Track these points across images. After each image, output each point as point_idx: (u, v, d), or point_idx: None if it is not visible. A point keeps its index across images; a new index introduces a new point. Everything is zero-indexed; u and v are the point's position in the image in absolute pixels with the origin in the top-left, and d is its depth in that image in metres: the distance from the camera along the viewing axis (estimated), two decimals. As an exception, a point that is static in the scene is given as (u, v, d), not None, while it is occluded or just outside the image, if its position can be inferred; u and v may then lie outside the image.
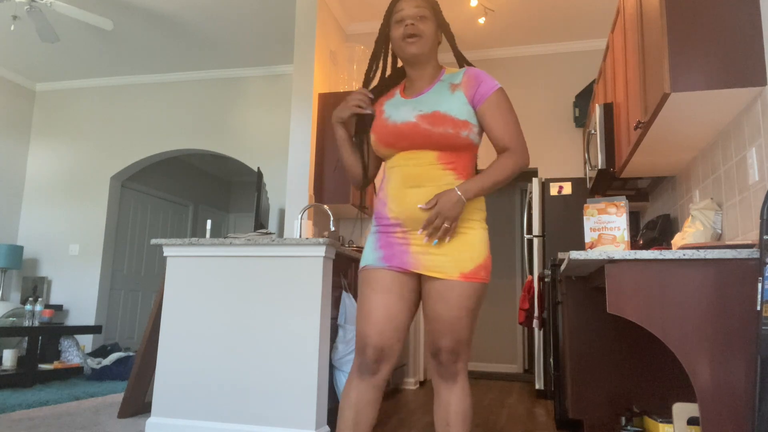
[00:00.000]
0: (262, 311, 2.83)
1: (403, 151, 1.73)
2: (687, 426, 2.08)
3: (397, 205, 1.71)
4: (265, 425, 2.72)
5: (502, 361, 6.49)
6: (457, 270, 1.66)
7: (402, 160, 1.74)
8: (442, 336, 1.68)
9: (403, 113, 1.73)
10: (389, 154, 1.77)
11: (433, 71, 1.79)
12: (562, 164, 5.24)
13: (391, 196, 1.74)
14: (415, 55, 1.73)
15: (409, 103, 1.75)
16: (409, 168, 1.71)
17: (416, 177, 1.70)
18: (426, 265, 1.68)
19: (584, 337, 2.83)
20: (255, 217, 3.87)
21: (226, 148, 6.11)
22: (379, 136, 1.76)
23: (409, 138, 1.71)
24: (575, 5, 4.78)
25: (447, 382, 1.71)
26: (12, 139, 6.41)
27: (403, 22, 1.72)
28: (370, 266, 1.74)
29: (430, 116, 1.69)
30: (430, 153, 1.70)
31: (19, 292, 6.31)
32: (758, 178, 2.10)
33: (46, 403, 3.67)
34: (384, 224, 1.76)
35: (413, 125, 1.70)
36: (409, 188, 1.70)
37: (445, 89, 1.74)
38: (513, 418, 3.57)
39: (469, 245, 1.68)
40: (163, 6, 4.91)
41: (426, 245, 1.68)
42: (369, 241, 1.80)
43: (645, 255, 1.84)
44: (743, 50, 2.08)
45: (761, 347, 1.61)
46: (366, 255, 1.78)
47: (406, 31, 1.71)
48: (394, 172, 1.75)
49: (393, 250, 1.72)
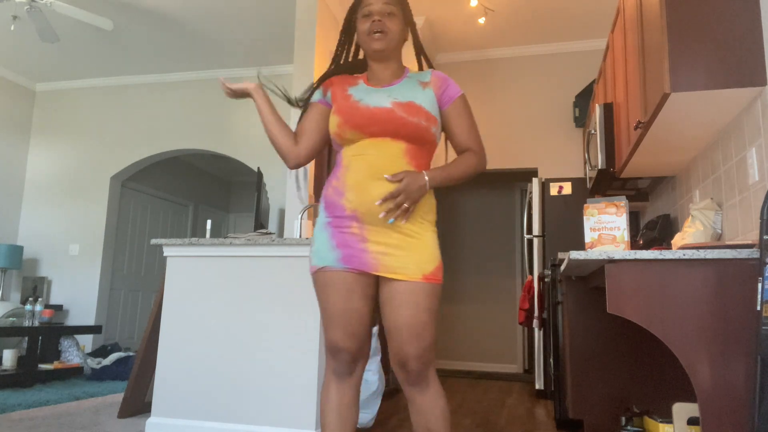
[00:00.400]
0: (262, 311, 2.83)
1: (371, 137, 1.67)
2: (687, 426, 2.08)
3: (357, 196, 1.64)
4: (265, 425, 2.72)
5: (502, 361, 6.49)
6: (420, 271, 1.62)
7: (367, 148, 1.67)
8: (409, 344, 1.60)
9: (376, 99, 1.70)
10: (353, 139, 1.68)
11: (398, 68, 1.79)
12: (562, 164, 5.24)
13: (351, 185, 1.66)
14: (380, 51, 1.71)
15: (381, 91, 1.73)
16: (374, 158, 1.65)
17: (381, 169, 1.64)
18: (387, 265, 1.62)
19: (584, 337, 2.83)
20: (255, 217, 3.87)
21: (226, 148, 6.11)
22: (347, 118, 1.68)
23: (381, 123, 1.66)
24: (575, 5, 4.78)
25: (420, 388, 1.65)
26: (12, 139, 6.41)
27: (371, 17, 1.70)
28: (329, 268, 1.66)
29: (405, 105, 1.68)
30: (398, 144, 1.66)
31: (19, 292, 6.31)
32: (758, 178, 2.10)
33: (46, 403, 3.67)
34: (338, 215, 1.67)
35: (388, 111, 1.66)
36: (372, 180, 1.63)
37: (415, 84, 1.75)
38: (513, 418, 3.57)
39: (427, 246, 1.66)
40: (163, 6, 4.91)
41: (383, 242, 1.63)
42: (321, 237, 1.70)
43: (645, 255, 1.84)
44: (743, 50, 2.08)
45: (761, 347, 1.61)
46: (321, 253, 1.68)
47: (372, 27, 1.69)
48: (357, 160, 1.67)
49: (351, 249, 1.64)
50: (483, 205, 6.91)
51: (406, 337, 1.60)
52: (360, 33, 1.73)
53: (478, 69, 5.64)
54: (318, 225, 1.72)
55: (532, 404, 4.16)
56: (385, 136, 1.66)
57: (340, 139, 1.71)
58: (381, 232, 1.64)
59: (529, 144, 5.35)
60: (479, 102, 5.57)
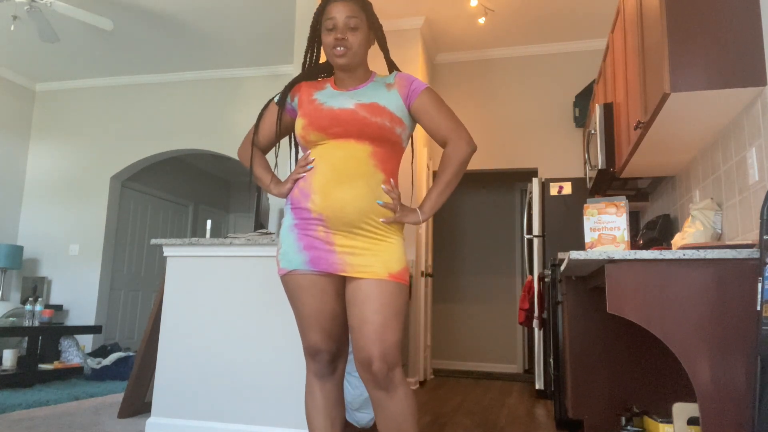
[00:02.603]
0: (262, 311, 2.83)
1: (335, 138, 1.67)
2: (687, 426, 2.08)
3: (322, 200, 1.64)
4: (265, 425, 2.72)
5: (502, 361, 6.49)
6: (386, 270, 1.62)
7: (332, 149, 1.66)
8: (372, 343, 1.57)
9: (340, 101, 1.71)
10: (317, 141, 1.69)
11: (363, 73, 1.79)
12: (562, 164, 5.24)
13: (317, 188, 1.65)
14: (343, 66, 1.72)
15: (345, 94, 1.74)
16: (340, 161, 1.65)
17: (347, 172, 1.64)
18: (353, 264, 1.62)
19: (584, 337, 2.83)
20: (255, 217, 3.87)
21: (226, 148, 6.11)
22: (311, 120, 1.69)
23: (344, 124, 1.66)
24: (575, 5, 4.78)
25: (387, 391, 1.60)
26: (12, 139, 6.41)
27: (334, 31, 1.69)
28: (299, 271, 1.66)
29: (368, 106, 1.68)
30: (363, 147, 1.66)
31: (19, 292, 6.31)
32: (758, 178, 2.10)
33: (46, 403, 3.67)
34: (303, 217, 1.67)
35: (351, 112, 1.67)
36: (338, 183, 1.63)
37: (381, 87, 1.76)
38: (513, 418, 3.57)
39: (394, 249, 1.67)
40: (163, 6, 4.91)
41: (350, 245, 1.63)
42: (288, 239, 1.69)
43: (645, 255, 1.84)
44: (743, 50, 2.08)
45: (761, 347, 1.61)
46: (289, 256, 1.68)
47: (335, 43, 1.69)
48: (323, 163, 1.67)
49: (318, 252, 1.64)
50: (483, 205, 6.91)
51: (370, 336, 1.57)
52: (325, 44, 1.73)
53: (478, 69, 5.64)
54: (284, 227, 1.71)
55: (532, 404, 4.16)
56: (349, 138, 1.66)
57: (305, 141, 1.72)
58: (347, 236, 1.64)
59: (529, 144, 5.35)
60: (479, 102, 5.57)
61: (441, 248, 6.89)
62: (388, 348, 1.58)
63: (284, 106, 1.83)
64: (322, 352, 1.68)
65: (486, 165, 5.43)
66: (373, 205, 1.64)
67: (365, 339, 1.58)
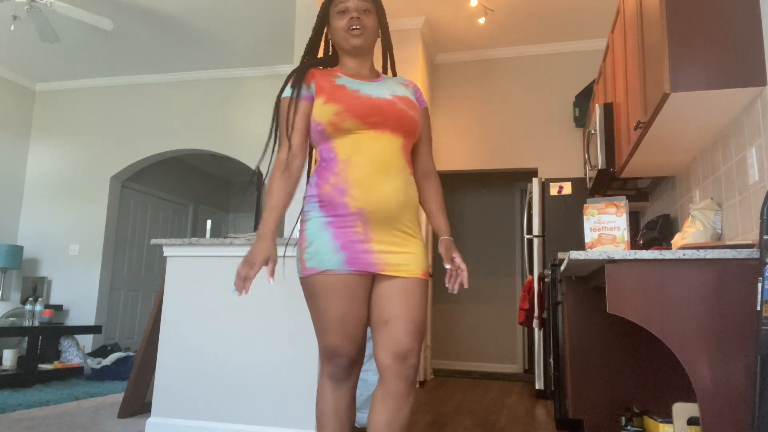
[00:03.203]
0: (262, 311, 2.83)
1: (371, 128, 1.62)
2: (687, 426, 2.08)
3: (364, 193, 1.58)
4: (265, 425, 2.72)
5: (502, 361, 6.49)
6: (419, 268, 1.64)
7: (368, 141, 1.61)
8: (412, 336, 1.58)
9: (375, 90, 1.67)
10: (351, 129, 1.61)
11: (372, 67, 1.78)
12: (562, 164, 5.24)
13: (356, 182, 1.59)
14: (359, 47, 1.68)
15: (372, 84, 1.70)
16: (378, 153, 1.61)
17: (386, 164, 1.61)
18: (391, 263, 1.60)
19: (584, 337, 2.83)
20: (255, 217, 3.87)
21: (226, 148, 6.11)
22: (348, 106, 1.60)
23: (383, 114, 1.63)
24: (575, 5, 4.78)
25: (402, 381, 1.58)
26: (12, 139, 6.41)
27: (348, 13, 1.67)
28: (333, 271, 1.57)
29: (403, 98, 1.69)
30: (396, 139, 1.65)
31: (19, 292, 6.31)
32: (758, 178, 2.10)
33: (46, 403, 3.67)
34: (340, 214, 1.59)
35: (389, 102, 1.65)
36: (379, 176, 1.59)
37: (399, 84, 1.76)
38: (513, 418, 3.57)
39: (422, 247, 1.70)
40: (163, 6, 4.91)
41: (387, 241, 1.61)
42: (322, 237, 1.59)
43: (645, 255, 1.84)
44: (743, 50, 2.08)
45: (761, 347, 1.61)
46: (321, 255, 1.58)
47: (350, 23, 1.66)
48: (359, 155, 1.60)
49: (355, 250, 1.58)
50: (483, 205, 6.91)
51: (409, 329, 1.58)
52: (336, 29, 1.69)
53: (478, 69, 5.64)
54: (314, 225, 1.62)
55: (532, 404, 4.16)
56: (385, 129, 1.63)
57: (334, 128, 1.61)
58: (385, 231, 1.61)
59: (529, 144, 5.35)
60: (479, 102, 5.57)
61: (441, 248, 6.88)
62: (421, 343, 1.62)
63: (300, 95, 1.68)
64: (341, 356, 1.62)
65: (486, 165, 5.43)
66: (408, 200, 1.64)
67: (403, 333, 1.58)
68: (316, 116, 1.64)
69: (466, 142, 5.50)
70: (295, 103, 1.67)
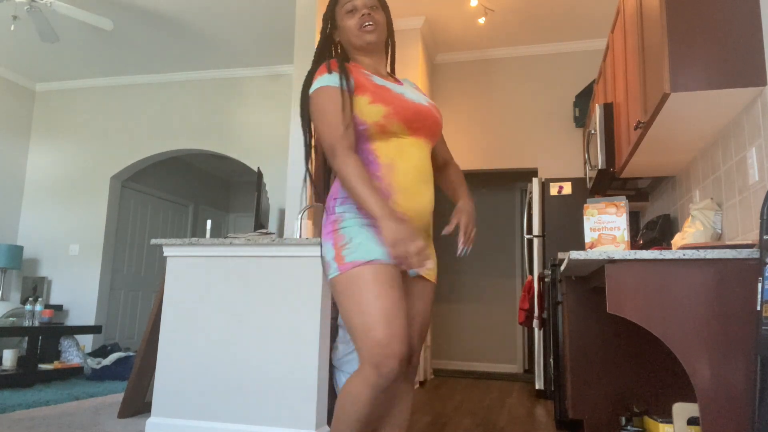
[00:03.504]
0: (262, 311, 2.83)
1: (412, 135, 1.59)
2: (687, 426, 2.08)
3: (406, 201, 1.55)
4: (265, 425, 2.72)
5: (502, 361, 6.49)
6: (434, 273, 1.70)
7: (410, 147, 1.58)
8: (419, 338, 1.65)
9: (413, 95, 1.65)
10: (395, 133, 1.56)
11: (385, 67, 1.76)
12: (562, 164, 5.24)
13: (400, 188, 1.55)
14: (373, 43, 1.65)
15: (407, 88, 1.68)
16: (419, 160, 1.59)
17: (426, 172, 1.60)
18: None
19: (584, 337, 2.83)
20: (255, 217, 3.87)
21: (226, 148, 6.11)
22: (397, 109, 1.55)
23: (425, 121, 1.61)
24: (575, 5, 4.78)
25: (407, 383, 1.65)
26: (12, 139, 6.41)
27: (357, 11, 1.64)
28: (381, 261, 1.47)
29: (434, 106, 1.70)
30: (428, 146, 1.65)
31: (19, 292, 6.31)
32: (758, 178, 2.10)
33: (46, 403, 3.67)
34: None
35: (428, 109, 1.64)
36: (420, 184, 1.58)
37: (414, 88, 1.76)
38: (513, 418, 3.57)
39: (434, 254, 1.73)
40: (163, 6, 4.91)
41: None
42: (362, 233, 1.51)
43: (645, 255, 1.84)
44: (743, 50, 2.08)
45: (761, 347, 1.61)
46: (366, 247, 1.49)
47: (363, 20, 1.63)
48: (403, 161, 1.56)
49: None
50: (483, 205, 6.91)
51: (419, 332, 1.65)
52: (347, 29, 1.65)
53: (478, 69, 5.64)
54: (352, 224, 1.52)
55: (532, 404, 4.16)
56: (423, 136, 1.62)
57: (380, 131, 1.55)
58: (419, 236, 1.52)
59: (529, 144, 5.35)
60: (479, 102, 5.57)
61: (441, 248, 6.89)
62: (422, 344, 1.67)
63: (348, 86, 1.56)
64: (391, 358, 1.40)
65: (486, 165, 5.43)
66: (433, 207, 1.66)
67: (416, 335, 1.64)
68: (362, 115, 1.55)
69: (466, 142, 5.50)
70: (344, 93, 1.54)
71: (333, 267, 1.51)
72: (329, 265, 1.52)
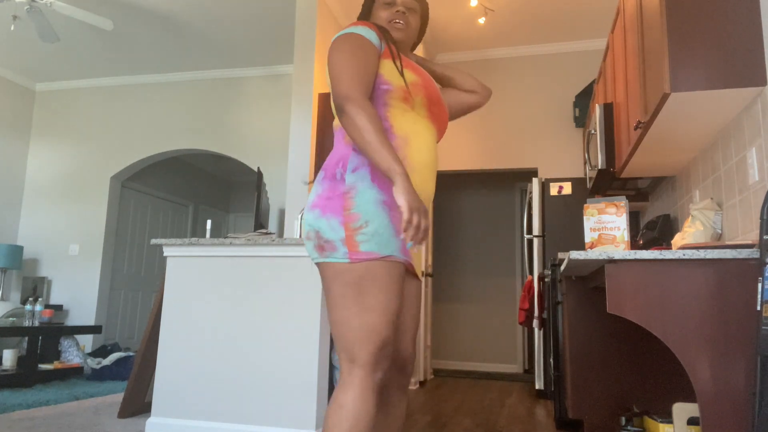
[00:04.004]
0: (262, 311, 2.83)
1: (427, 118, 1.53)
2: (687, 426, 2.08)
3: (420, 183, 1.45)
4: (265, 425, 2.72)
5: (502, 361, 6.49)
6: (420, 269, 1.59)
7: (425, 131, 1.50)
8: (412, 345, 1.54)
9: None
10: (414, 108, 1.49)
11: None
12: (562, 164, 5.24)
13: (416, 167, 1.44)
14: (398, 42, 1.63)
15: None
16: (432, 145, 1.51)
17: (434, 161, 1.52)
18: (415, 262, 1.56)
19: (584, 337, 2.83)
20: (255, 217, 3.87)
21: (226, 148, 6.11)
22: (426, 85, 1.51)
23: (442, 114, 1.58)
24: (575, 5, 4.78)
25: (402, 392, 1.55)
26: (12, 139, 6.41)
27: (395, 6, 1.62)
28: (395, 258, 1.35)
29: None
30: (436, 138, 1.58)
31: (19, 292, 6.31)
32: (758, 178, 2.10)
33: (46, 403, 3.67)
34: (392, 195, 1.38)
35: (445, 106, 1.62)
36: (431, 170, 1.49)
37: None
38: (513, 418, 3.57)
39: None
40: (163, 6, 4.91)
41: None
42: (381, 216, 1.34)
43: (645, 255, 1.84)
44: (743, 50, 2.08)
45: (761, 347, 1.61)
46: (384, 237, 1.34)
47: (395, 16, 1.60)
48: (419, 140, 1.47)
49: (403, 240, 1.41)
50: (483, 205, 6.91)
51: (411, 339, 1.55)
52: (379, 19, 1.63)
53: (478, 69, 5.64)
54: (367, 200, 1.35)
55: (532, 404, 4.16)
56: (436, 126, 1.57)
57: (402, 97, 1.45)
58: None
59: (529, 144, 5.35)
60: (479, 102, 5.56)
61: (441, 248, 6.89)
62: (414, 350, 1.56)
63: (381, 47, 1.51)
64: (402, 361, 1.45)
65: (486, 165, 5.43)
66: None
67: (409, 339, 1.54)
68: (388, 76, 1.45)
69: (466, 142, 5.50)
70: (375, 49, 1.46)
71: (340, 251, 1.32)
72: (333, 246, 1.33)
